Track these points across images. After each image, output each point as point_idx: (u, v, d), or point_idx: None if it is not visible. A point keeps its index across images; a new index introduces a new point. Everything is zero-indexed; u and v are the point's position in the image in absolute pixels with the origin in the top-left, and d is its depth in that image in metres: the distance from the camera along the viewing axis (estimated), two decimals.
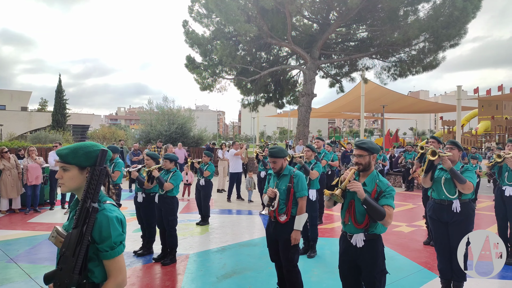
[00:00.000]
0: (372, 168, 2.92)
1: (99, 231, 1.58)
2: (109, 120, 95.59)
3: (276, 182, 3.69)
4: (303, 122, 16.73)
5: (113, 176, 6.10)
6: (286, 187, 3.58)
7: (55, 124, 36.79)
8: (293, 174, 3.65)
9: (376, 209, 2.65)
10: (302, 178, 3.67)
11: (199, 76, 18.06)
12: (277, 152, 3.67)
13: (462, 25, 15.30)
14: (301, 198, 3.60)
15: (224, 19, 15.77)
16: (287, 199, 3.58)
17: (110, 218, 1.61)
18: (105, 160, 1.67)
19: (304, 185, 3.64)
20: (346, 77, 19.83)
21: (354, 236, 2.87)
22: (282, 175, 3.68)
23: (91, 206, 1.56)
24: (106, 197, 1.74)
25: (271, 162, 3.69)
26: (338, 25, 17.30)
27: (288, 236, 3.54)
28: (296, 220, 3.55)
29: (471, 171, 3.80)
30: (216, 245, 6.07)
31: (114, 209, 1.69)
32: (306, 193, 3.64)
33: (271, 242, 3.72)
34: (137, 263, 5.14)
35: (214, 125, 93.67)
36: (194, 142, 21.51)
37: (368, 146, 2.88)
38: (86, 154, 1.68)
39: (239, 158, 10.33)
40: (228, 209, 9.37)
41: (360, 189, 2.70)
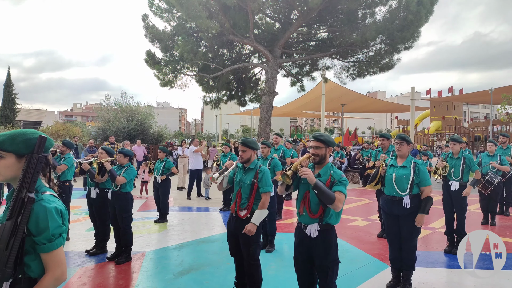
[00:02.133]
0: (328, 161, 2.98)
1: (35, 222, 1.49)
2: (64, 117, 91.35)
3: (242, 177, 3.66)
4: (265, 120, 16.83)
5: (59, 169, 5.82)
6: (250, 182, 3.56)
7: (3, 119, 34.58)
8: (259, 169, 3.62)
9: (326, 193, 2.68)
10: (267, 174, 3.64)
11: (159, 72, 17.65)
12: (250, 141, 3.67)
13: (416, 28, 16.04)
14: (264, 194, 3.56)
15: (185, 14, 15.51)
16: (250, 194, 3.54)
17: (48, 209, 1.51)
18: (43, 148, 1.56)
19: (268, 181, 3.61)
20: (307, 76, 20.19)
21: (309, 227, 2.91)
22: (248, 169, 3.65)
23: (27, 196, 1.46)
24: (45, 188, 1.64)
25: (241, 150, 3.66)
26: (299, 25, 17.54)
27: None
28: (255, 214, 3.51)
29: None
30: (174, 242, 5.96)
31: (54, 199, 1.59)
32: (270, 189, 3.60)
33: (231, 237, 3.69)
34: (89, 263, 4.93)
35: (175, 123, 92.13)
36: (154, 140, 21.04)
37: (325, 138, 2.93)
38: (24, 141, 1.57)
39: (199, 155, 10.21)
40: (188, 206, 9.24)
41: (310, 175, 2.73)
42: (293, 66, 20.03)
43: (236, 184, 3.71)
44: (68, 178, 5.96)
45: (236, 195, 3.64)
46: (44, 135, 1.64)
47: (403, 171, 3.93)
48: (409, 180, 3.86)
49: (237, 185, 3.69)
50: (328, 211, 2.85)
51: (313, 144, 2.95)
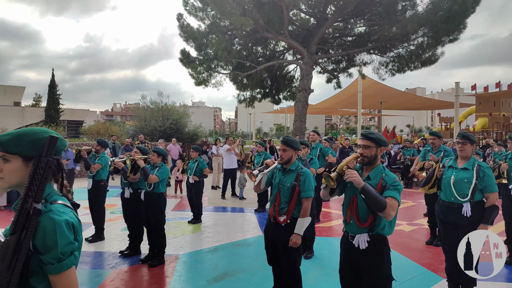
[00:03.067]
0: (379, 162, 2.62)
1: (42, 238, 1.26)
2: (105, 116, 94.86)
3: (281, 179, 3.37)
4: (300, 118, 16.44)
5: (93, 168, 5.77)
6: (291, 185, 3.25)
7: (48, 119, 36.27)
8: (301, 171, 3.31)
9: (376, 199, 2.33)
10: (310, 177, 3.33)
11: (194, 71, 17.69)
12: (291, 140, 3.36)
13: (462, 19, 15.05)
14: (306, 199, 3.26)
15: (219, 12, 15.41)
16: (290, 198, 3.25)
17: (57, 222, 1.28)
18: (53, 149, 1.33)
19: (311, 185, 3.31)
20: (344, 72, 19.57)
21: (357, 237, 2.57)
22: (288, 170, 3.35)
23: (33, 207, 1.23)
24: (57, 196, 1.41)
25: (281, 149, 3.35)
26: (335, 20, 16.98)
27: (287, 239, 3.22)
28: (298, 223, 3.21)
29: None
30: (208, 244, 5.76)
31: (65, 210, 1.36)
32: (312, 194, 3.30)
33: (270, 245, 3.40)
34: (122, 265, 4.82)
35: (210, 122, 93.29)
36: (189, 138, 21.17)
37: (376, 136, 2.58)
38: (32, 142, 1.35)
39: (233, 154, 10.02)
40: (222, 206, 9.07)
41: (357, 177, 2.40)
42: (329, 62, 19.50)
43: (275, 186, 3.42)
44: (103, 178, 5.91)
45: (275, 198, 3.34)
46: (56, 134, 1.41)
47: (464, 174, 3.47)
48: (470, 185, 3.40)
49: (275, 188, 3.40)
50: (379, 220, 2.50)
51: (362, 143, 2.60)
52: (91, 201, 5.99)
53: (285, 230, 3.22)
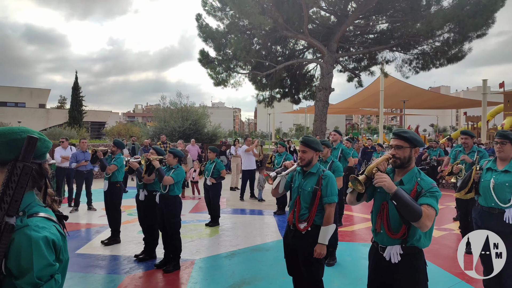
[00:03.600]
0: (413, 165, 2.34)
1: (16, 259, 1.06)
2: (127, 118, 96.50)
3: (301, 182, 3.09)
4: (320, 117, 16.09)
5: (109, 169, 5.66)
6: (312, 189, 2.99)
7: (71, 121, 37.14)
8: (322, 174, 3.04)
9: (410, 207, 2.05)
10: (332, 181, 3.06)
11: (212, 71, 17.61)
12: (311, 141, 3.08)
13: (490, 13, 14.38)
14: (329, 205, 2.99)
15: (238, 11, 15.26)
16: (311, 204, 2.97)
17: (34, 240, 1.08)
18: (32, 152, 1.12)
19: (334, 189, 3.04)
20: (365, 71, 19.10)
21: (388, 249, 2.29)
22: (308, 173, 3.08)
23: (4, 222, 1.04)
24: (39, 208, 1.21)
25: (300, 150, 3.11)
26: (356, 17, 16.56)
27: (309, 248, 2.95)
28: (322, 232, 2.93)
29: None
30: (225, 249, 5.56)
31: (45, 225, 1.15)
32: (336, 199, 3.03)
33: (289, 253, 3.14)
34: (137, 270, 4.67)
35: (229, 122, 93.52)
36: (208, 139, 21.11)
37: (410, 136, 2.29)
38: (8, 143, 1.16)
39: (251, 154, 9.80)
40: (241, 208, 8.86)
41: (387, 182, 2.13)
42: (350, 60, 19.07)
43: (294, 190, 3.15)
44: (119, 179, 5.80)
45: (294, 203, 3.08)
46: (38, 134, 1.22)
47: (505, 177, 3.14)
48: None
49: (294, 192, 3.14)
50: (413, 230, 2.22)
51: (394, 142, 2.32)
52: (107, 203, 5.88)
53: (306, 238, 2.97)
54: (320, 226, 2.97)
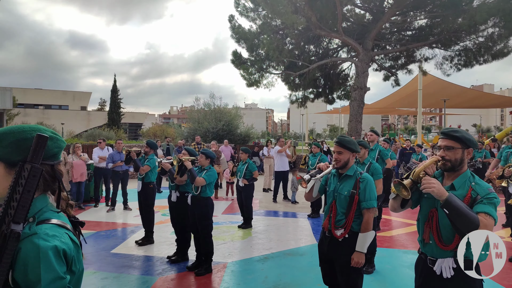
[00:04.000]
0: (465, 168, 2.11)
1: (23, 271, 0.97)
2: (162, 119, 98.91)
3: (336, 186, 2.89)
4: (355, 117, 15.67)
5: (142, 170, 5.69)
6: (349, 193, 2.79)
7: (110, 122, 38.49)
8: (360, 177, 2.84)
9: (464, 215, 1.82)
10: (371, 184, 2.84)
11: (245, 72, 17.61)
12: (347, 141, 2.86)
13: None
14: (367, 210, 2.77)
15: (271, 11, 15.18)
16: (349, 209, 2.78)
17: (43, 250, 0.98)
18: (42, 152, 1.02)
19: (373, 193, 2.83)
20: (402, 69, 18.46)
21: (439, 262, 2.06)
22: (345, 176, 2.88)
23: (10, 230, 0.95)
24: (51, 213, 1.11)
25: (336, 151, 2.88)
26: (393, 13, 16.02)
27: (347, 257, 2.75)
28: (360, 239, 2.73)
29: None
30: (258, 252, 5.44)
31: (56, 233, 1.04)
32: (375, 204, 2.82)
33: (325, 262, 2.94)
34: (169, 271, 4.65)
35: (262, 123, 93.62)
36: (241, 140, 21.14)
37: (462, 135, 2.05)
38: (17, 142, 1.07)
39: (284, 155, 9.63)
40: (274, 210, 8.73)
41: (437, 187, 1.91)
42: (386, 59, 18.48)
43: (329, 194, 2.95)
44: (152, 180, 5.83)
45: (330, 208, 2.89)
46: (51, 132, 1.13)
47: None
48: None
49: (330, 196, 2.95)
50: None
51: (443, 143, 2.09)
52: (140, 204, 5.93)
53: (343, 246, 2.77)
54: (358, 232, 2.78)
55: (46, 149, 1.07)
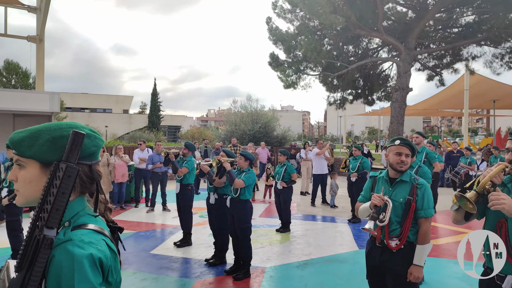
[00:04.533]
0: None
1: (56, 281, 0.88)
2: (200, 122, 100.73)
3: (387, 192, 2.61)
4: (396, 119, 15.10)
5: (180, 171, 5.69)
6: (405, 200, 2.53)
7: (150, 125, 39.67)
8: (417, 183, 2.56)
9: None
10: (429, 191, 2.58)
11: (282, 74, 17.51)
12: (412, 143, 2.61)
13: None
14: (425, 219, 2.52)
15: (308, 11, 14.99)
16: (404, 218, 2.52)
17: (78, 259, 0.89)
18: (78, 151, 0.94)
19: (431, 201, 2.56)
20: (448, 68, 17.57)
21: (509, 279, 1.85)
22: (399, 181, 2.61)
23: (42, 235, 0.87)
24: (88, 218, 1.03)
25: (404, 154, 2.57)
26: (437, 10, 15.32)
27: (403, 270, 2.50)
28: (418, 251, 2.46)
29: None
30: (297, 258, 5.28)
31: (93, 239, 0.96)
32: (433, 212, 2.56)
33: (375, 274, 2.68)
34: (207, 275, 4.60)
35: (299, 125, 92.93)
36: (277, 142, 21.01)
37: None
38: (52, 141, 0.99)
39: (323, 158, 9.39)
40: (312, 214, 8.51)
41: (507, 205, 1.70)
42: (430, 58, 17.70)
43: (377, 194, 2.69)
44: (190, 182, 5.83)
45: None
46: (88, 131, 1.05)
47: None
48: None
49: None
50: None
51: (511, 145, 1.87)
52: (178, 205, 5.95)
53: (398, 258, 2.51)
54: (413, 243, 2.53)
55: (83, 148, 1.00)
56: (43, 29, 11.93)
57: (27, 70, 32.86)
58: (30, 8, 12.17)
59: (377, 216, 2.47)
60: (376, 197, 2.48)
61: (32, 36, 12.13)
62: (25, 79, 32.90)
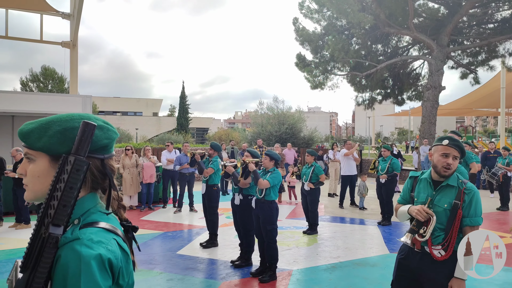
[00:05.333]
0: None
1: (63, 282, 0.82)
2: (228, 124, 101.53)
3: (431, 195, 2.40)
4: (428, 119, 14.59)
5: (206, 172, 5.68)
6: (451, 206, 2.30)
7: (179, 127, 40.34)
8: (465, 187, 2.33)
9: None
10: (478, 197, 2.34)
11: (309, 74, 17.34)
12: (463, 145, 2.36)
13: None
14: (471, 228, 2.29)
15: (336, 11, 14.78)
16: (449, 225, 2.30)
17: (85, 260, 0.83)
18: (88, 143, 0.88)
19: (480, 208, 2.33)
20: (483, 65, 16.83)
21: None
22: (445, 185, 2.37)
23: (48, 233, 0.82)
24: (100, 215, 0.97)
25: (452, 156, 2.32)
26: (472, 5, 14.72)
27: (443, 280, 2.28)
28: (462, 263, 2.19)
29: None
30: (325, 261, 5.15)
31: (102, 239, 0.89)
32: (480, 221, 2.33)
33: (406, 280, 2.47)
34: (233, 277, 4.55)
35: (326, 127, 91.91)
36: (304, 143, 20.82)
37: None
38: (62, 132, 0.94)
39: (351, 159, 9.17)
40: (340, 216, 8.32)
41: None
42: (464, 55, 17.01)
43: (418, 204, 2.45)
44: (216, 182, 5.81)
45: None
46: (100, 122, 0.99)
47: None
48: None
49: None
50: None
51: None
52: (204, 206, 5.95)
53: (442, 267, 2.30)
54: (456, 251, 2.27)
55: (94, 140, 0.94)
56: (76, 35, 12.34)
57: (62, 76, 34.26)
58: (64, 14, 12.63)
59: (417, 230, 2.29)
60: (421, 211, 2.28)
61: (66, 42, 12.58)
62: (60, 84, 34.28)
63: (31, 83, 34.36)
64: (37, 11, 12.28)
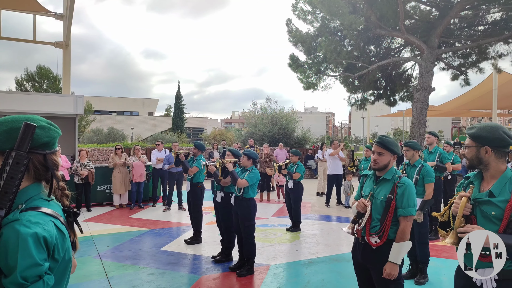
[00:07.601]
0: (503, 167, 1.90)
1: (4, 256, 1.00)
2: (225, 124, 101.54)
3: (372, 189, 2.68)
4: (418, 119, 14.78)
5: (190, 171, 5.83)
6: (385, 198, 2.58)
7: (174, 127, 40.42)
8: (398, 181, 2.60)
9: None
10: (410, 189, 2.59)
11: (302, 75, 17.48)
12: (389, 142, 2.63)
13: None
14: (404, 218, 2.54)
15: (328, 12, 14.93)
16: (384, 216, 2.55)
17: (22, 236, 1.00)
18: (29, 141, 1.07)
19: (412, 200, 2.57)
20: (473, 67, 17.02)
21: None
22: (382, 179, 2.66)
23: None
24: (41, 201, 1.14)
25: (376, 152, 2.65)
26: (462, 8, 14.89)
27: (381, 267, 2.55)
28: (394, 249, 2.50)
29: None
30: (303, 256, 5.31)
31: (40, 220, 1.06)
32: (413, 212, 2.56)
33: (359, 269, 2.77)
34: (212, 271, 4.70)
35: (323, 127, 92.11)
36: (297, 143, 20.97)
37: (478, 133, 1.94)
38: (8, 132, 1.12)
39: (337, 159, 9.33)
40: (326, 215, 8.49)
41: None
42: (455, 56, 17.19)
43: (364, 198, 2.72)
44: (200, 180, 5.96)
45: None
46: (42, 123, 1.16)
47: None
48: None
49: None
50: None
51: (468, 143, 1.93)
52: (189, 204, 6.09)
53: (378, 254, 2.55)
54: (393, 241, 2.55)
55: (36, 138, 1.11)
56: (69, 35, 12.46)
57: (57, 75, 34.27)
58: (57, 15, 12.73)
59: (357, 220, 2.60)
60: (360, 203, 2.61)
61: (59, 42, 12.68)
62: (55, 83, 34.28)
63: (26, 83, 34.38)
64: (30, 12, 12.38)
